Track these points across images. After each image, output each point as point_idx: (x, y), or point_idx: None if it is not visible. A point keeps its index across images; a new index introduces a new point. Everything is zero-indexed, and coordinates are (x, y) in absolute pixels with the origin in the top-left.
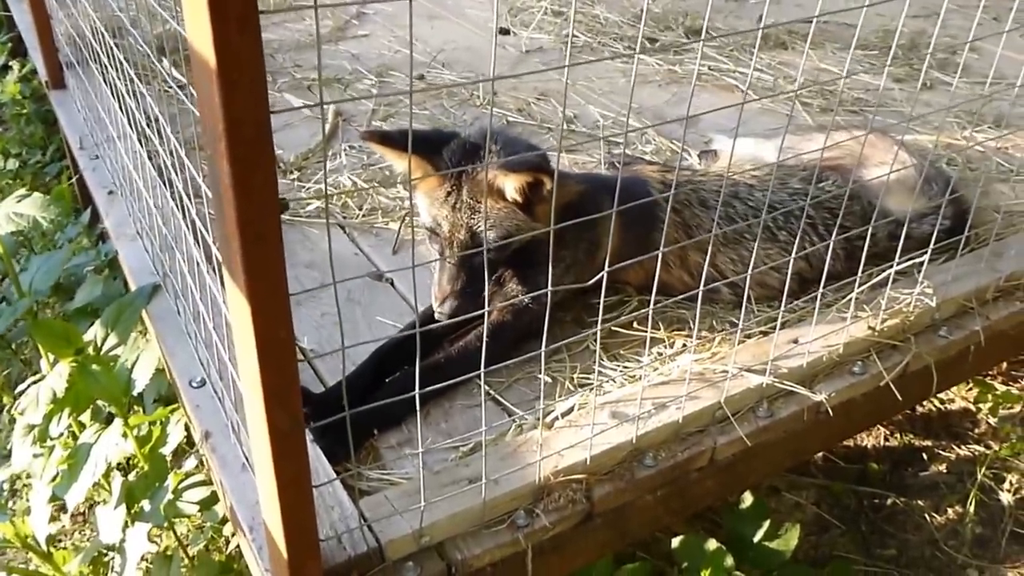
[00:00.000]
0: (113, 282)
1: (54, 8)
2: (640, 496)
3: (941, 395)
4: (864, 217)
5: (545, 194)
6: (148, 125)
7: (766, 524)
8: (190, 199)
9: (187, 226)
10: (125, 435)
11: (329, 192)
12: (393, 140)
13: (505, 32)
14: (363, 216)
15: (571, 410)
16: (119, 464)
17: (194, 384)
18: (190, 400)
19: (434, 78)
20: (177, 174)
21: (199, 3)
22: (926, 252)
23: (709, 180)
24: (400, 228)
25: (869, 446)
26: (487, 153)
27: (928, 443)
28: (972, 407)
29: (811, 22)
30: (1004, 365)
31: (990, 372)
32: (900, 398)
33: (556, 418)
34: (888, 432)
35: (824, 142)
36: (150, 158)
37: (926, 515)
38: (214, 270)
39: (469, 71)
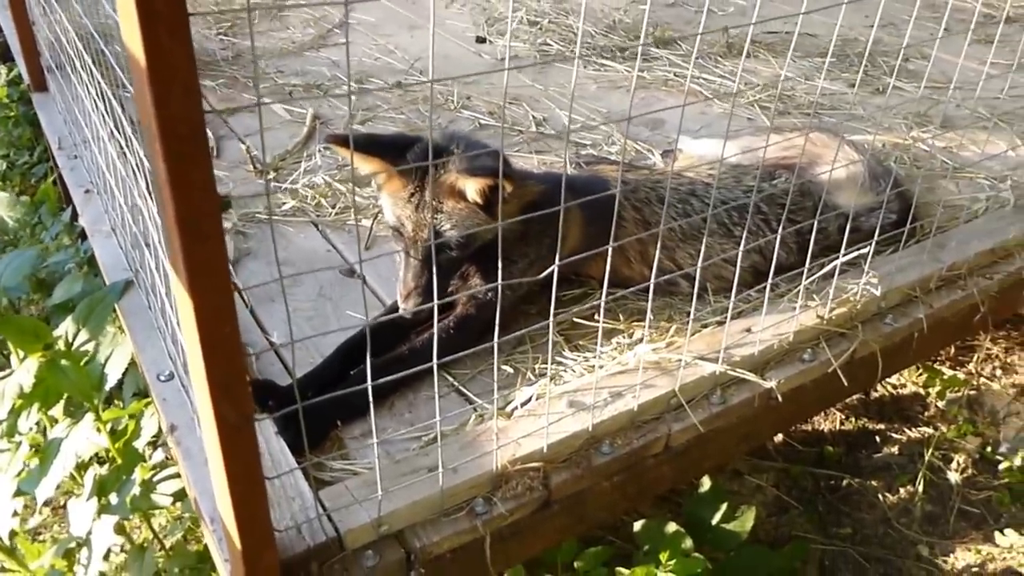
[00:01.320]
0: (93, 279)
1: (36, 15)
2: (597, 482)
3: (893, 380)
4: (815, 212)
5: (505, 196)
6: (117, 128)
7: (723, 507)
8: (152, 196)
9: (151, 222)
10: (99, 430)
11: (304, 191)
12: (355, 144)
13: (482, 40)
14: (336, 214)
15: (530, 399)
16: (100, 459)
17: (162, 378)
18: (158, 394)
19: (410, 85)
20: (141, 172)
21: (128, 6)
22: (868, 245)
23: (666, 179)
24: (372, 225)
25: (826, 430)
26: (452, 155)
27: (881, 426)
28: (922, 392)
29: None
30: (951, 351)
31: (938, 358)
32: (847, 383)
33: (516, 408)
34: (844, 416)
35: (767, 140)
36: (122, 158)
37: (879, 495)
38: None
39: (447, 78)
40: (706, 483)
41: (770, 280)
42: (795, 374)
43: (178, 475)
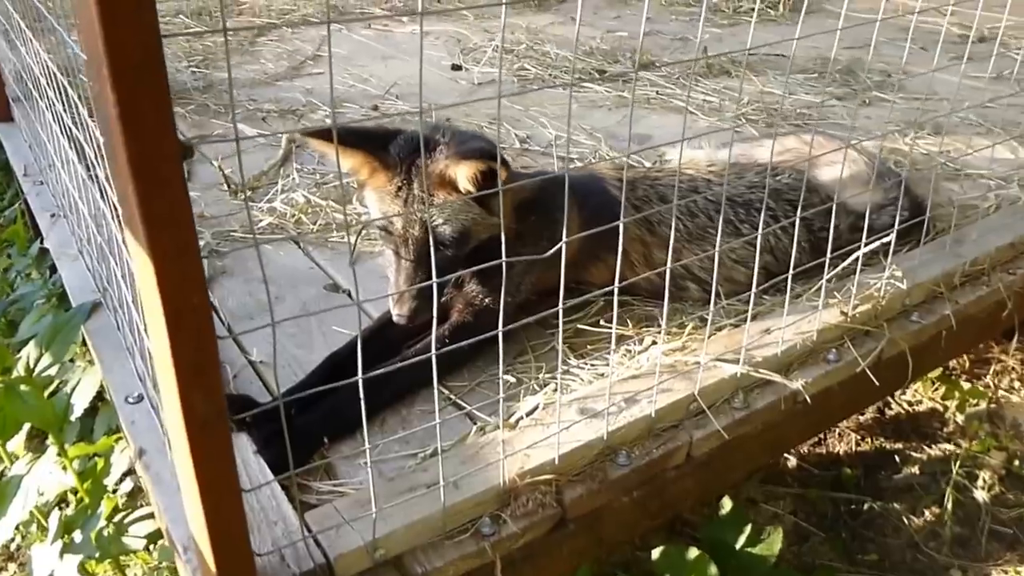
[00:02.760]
0: (63, 312)
1: (3, 48)
2: (615, 498)
3: (908, 396)
4: (826, 210)
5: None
6: (76, 125)
7: (748, 529)
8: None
9: (117, 226)
10: (64, 467)
11: (283, 209)
12: (331, 137)
13: (457, 68)
14: (317, 230)
15: (535, 409)
16: (67, 501)
17: (130, 400)
18: (126, 417)
19: (387, 108)
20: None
21: None
22: (890, 234)
23: (665, 176)
24: (356, 239)
25: (841, 451)
26: (440, 145)
27: (899, 445)
28: (939, 407)
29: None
30: (967, 363)
31: (954, 371)
32: (877, 384)
33: (521, 418)
34: (859, 437)
35: (773, 143)
36: (87, 173)
37: (904, 518)
38: None
39: (424, 102)
40: (727, 504)
41: (791, 274)
42: (821, 375)
43: (151, 515)
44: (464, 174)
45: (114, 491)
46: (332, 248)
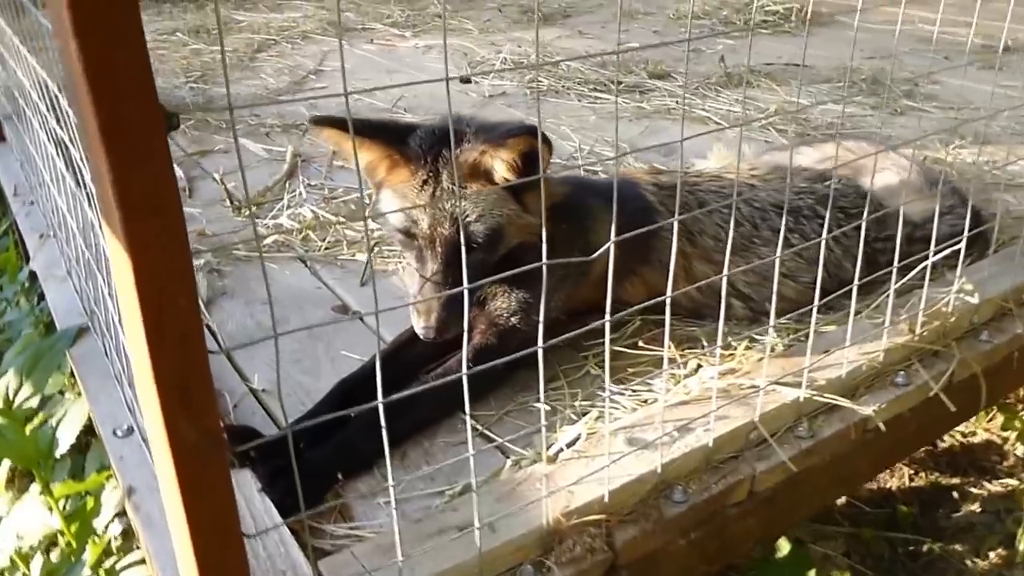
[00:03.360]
0: (47, 339)
1: None
2: (672, 540)
3: (962, 428)
4: (878, 219)
5: (541, 167)
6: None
7: (812, 574)
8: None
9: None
10: (50, 508)
11: (289, 225)
12: (346, 126)
13: (467, 81)
14: (326, 248)
15: (577, 439)
16: (55, 544)
17: (119, 433)
18: (114, 451)
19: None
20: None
21: None
22: (959, 243)
23: (705, 181)
24: (369, 258)
25: (894, 487)
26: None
27: (956, 480)
28: (996, 439)
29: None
30: (1021, 393)
31: (1009, 400)
32: (953, 410)
33: (560, 450)
34: (912, 471)
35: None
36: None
37: (967, 560)
38: None
39: (432, 114)
40: (784, 546)
41: (855, 286)
42: (892, 400)
43: (143, 560)
44: (505, 157)
45: (103, 533)
46: (342, 267)
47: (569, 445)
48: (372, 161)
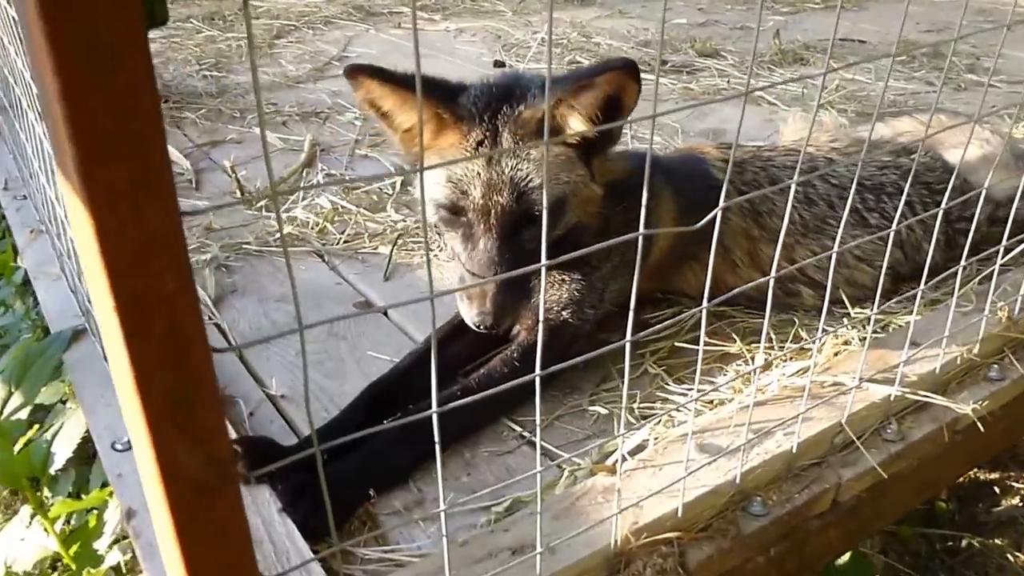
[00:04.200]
0: (38, 344)
1: None
2: (750, 557)
3: None
4: (962, 195)
5: (629, 107)
6: None
7: None
8: None
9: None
10: (46, 530)
11: (305, 217)
12: (392, 78)
13: (500, 65)
14: (345, 241)
15: (641, 447)
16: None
17: (118, 447)
18: (111, 468)
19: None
20: None
21: None
22: None
23: (778, 156)
24: (392, 251)
25: None
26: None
27: (995, 475)
28: None
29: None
30: None
31: None
32: None
33: (621, 458)
34: None
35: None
36: None
37: (1008, 555)
38: None
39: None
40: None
41: (961, 265)
42: (987, 396)
43: None
44: (586, 102)
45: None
46: (363, 261)
47: (632, 453)
48: (415, 123)
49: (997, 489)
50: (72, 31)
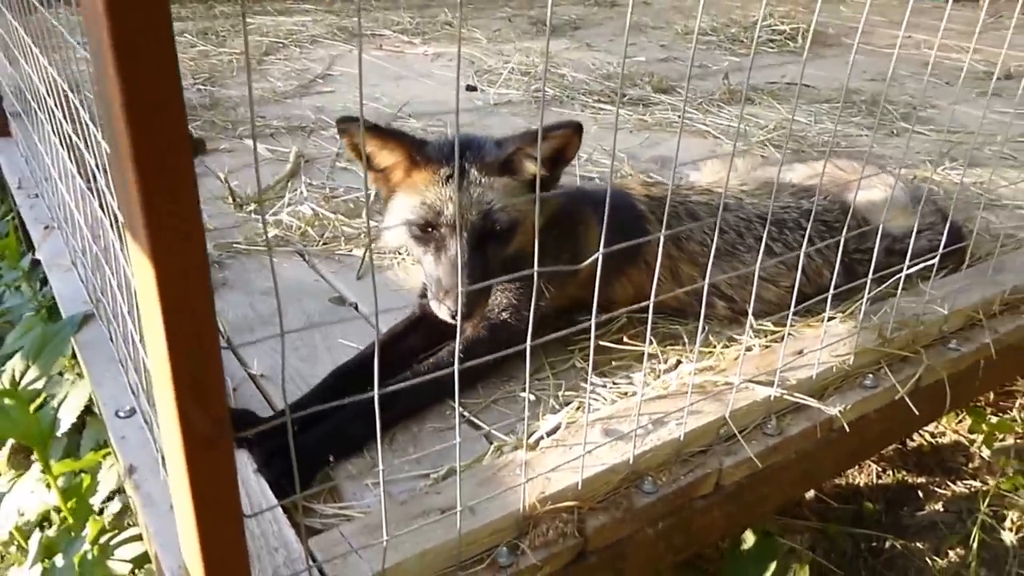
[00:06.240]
0: (53, 325)
1: (2, 63)
2: (640, 529)
3: (930, 428)
4: (859, 233)
5: (570, 157)
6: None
7: (772, 567)
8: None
9: (115, 234)
10: (48, 485)
11: (289, 221)
12: (375, 127)
13: (472, 89)
14: (324, 243)
15: (557, 428)
16: (49, 521)
17: (121, 414)
18: (115, 432)
19: (401, 127)
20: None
21: None
22: (933, 258)
23: (694, 194)
24: (365, 253)
25: (862, 484)
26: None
27: (922, 480)
28: (964, 440)
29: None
30: (990, 397)
31: (978, 402)
32: (916, 413)
33: (541, 437)
34: (880, 469)
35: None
36: (87, 186)
37: (927, 558)
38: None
39: (437, 120)
40: (749, 538)
41: (831, 293)
42: (859, 401)
43: (138, 537)
44: (544, 151)
45: (100, 511)
46: (338, 261)
47: (549, 434)
48: (392, 164)
49: (922, 494)
50: (151, 165)
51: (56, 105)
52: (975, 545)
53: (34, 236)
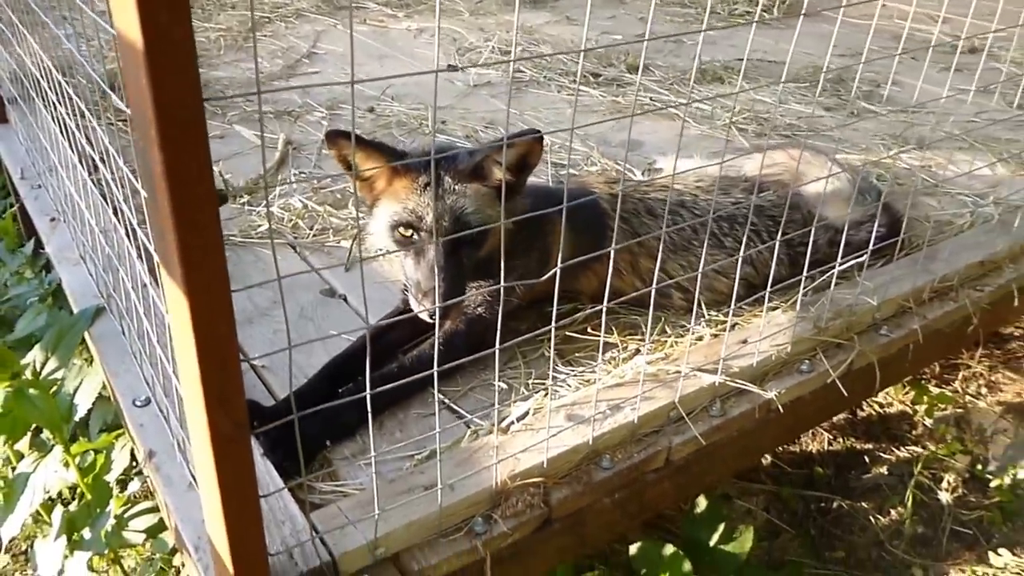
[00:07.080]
0: (58, 311)
1: None
2: (598, 499)
3: (880, 399)
4: (805, 225)
5: (533, 164)
6: (101, 158)
7: (721, 528)
8: (132, 212)
9: (131, 242)
10: (67, 464)
11: (280, 214)
12: (360, 139)
13: (454, 69)
14: (314, 236)
15: (526, 414)
16: (62, 497)
17: (138, 403)
18: (133, 420)
19: (383, 110)
20: (117, 186)
21: None
22: (865, 253)
23: (654, 190)
24: (352, 246)
25: (814, 451)
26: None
27: (869, 446)
28: (909, 410)
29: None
30: (936, 370)
31: (923, 376)
32: (846, 394)
33: (512, 422)
34: (832, 437)
35: (763, 159)
36: (96, 185)
37: (871, 517)
38: (158, 283)
39: (419, 103)
40: (702, 503)
41: (768, 291)
42: (794, 385)
43: (152, 509)
44: (509, 158)
45: (122, 490)
46: (328, 253)
47: (519, 419)
48: (375, 174)
49: (868, 459)
50: (185, 216)
51: (59, 100)
52: (909, 503)
53: (40, 228)
